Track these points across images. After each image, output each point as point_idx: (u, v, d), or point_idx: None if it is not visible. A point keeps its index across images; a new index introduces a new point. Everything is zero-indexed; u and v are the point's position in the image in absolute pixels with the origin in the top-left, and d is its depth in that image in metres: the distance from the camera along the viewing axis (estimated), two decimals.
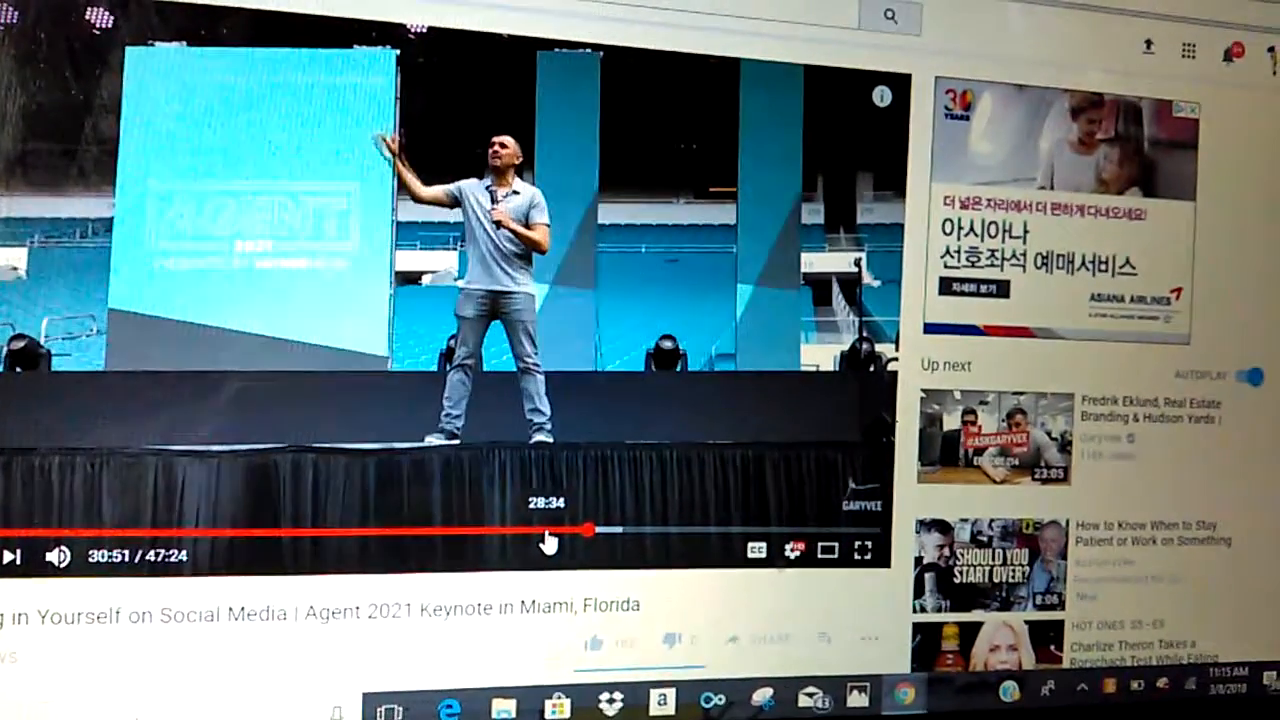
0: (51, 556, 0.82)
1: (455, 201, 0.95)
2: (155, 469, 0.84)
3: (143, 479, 0.84)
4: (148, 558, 0.83)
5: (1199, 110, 1.02)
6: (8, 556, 0.82)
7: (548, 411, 0.94)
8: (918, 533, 0.97)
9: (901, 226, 0.97)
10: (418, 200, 0.92)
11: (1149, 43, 1.01)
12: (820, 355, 0.99)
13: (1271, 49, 1.04)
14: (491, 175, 0.95)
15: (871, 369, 0.98)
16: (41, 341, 0.86)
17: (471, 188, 0.95)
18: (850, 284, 1.00)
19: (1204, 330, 1.02)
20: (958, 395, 0.98)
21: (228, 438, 0.86)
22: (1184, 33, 1.02)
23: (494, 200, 0.95)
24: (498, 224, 0.95)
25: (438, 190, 0.93)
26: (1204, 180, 1.02)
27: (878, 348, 0.98)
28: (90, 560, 0.83)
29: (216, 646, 0.84)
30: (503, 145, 0.94)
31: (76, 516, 0.83)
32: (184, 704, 0.84)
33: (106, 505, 0.83)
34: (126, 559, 0.83)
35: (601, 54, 0.92)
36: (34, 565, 0.82)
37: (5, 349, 0.85)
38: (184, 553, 0.84)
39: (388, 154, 0.90)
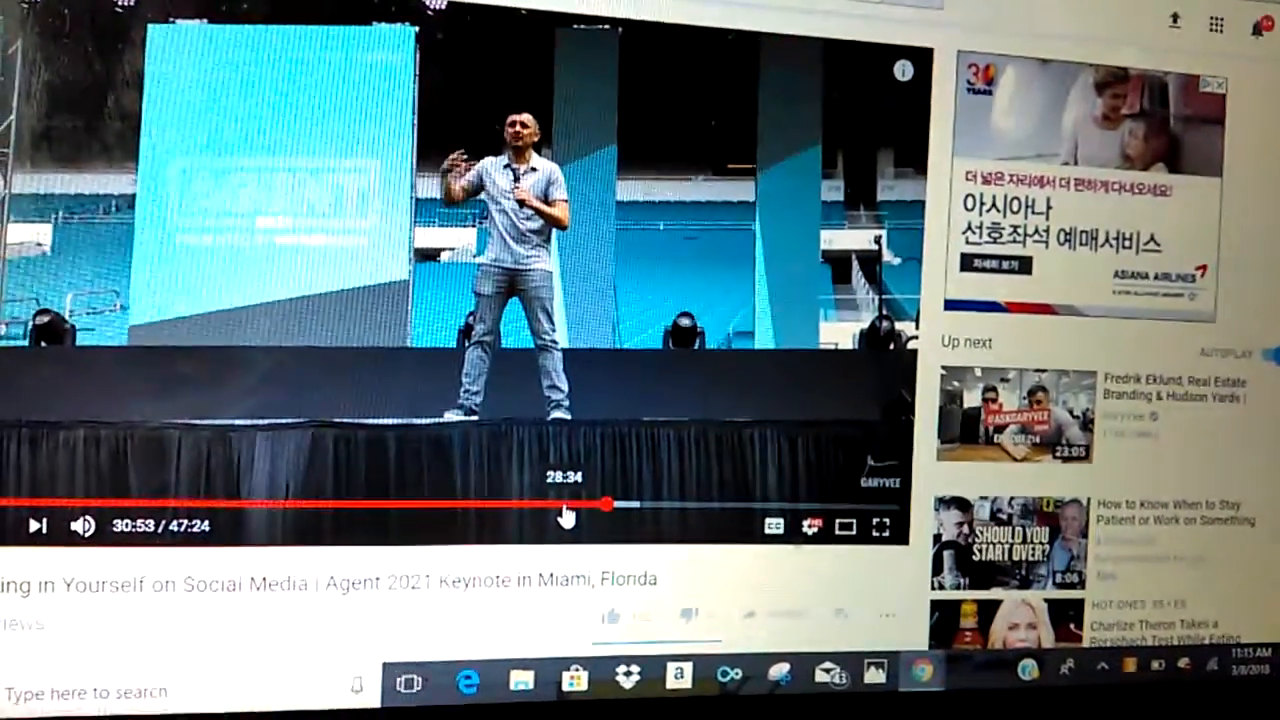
0: (76, 526, 0.83)
1: (476, 189, 0.95)
2: (178, 442, 0.85)
3: (166, 451, 0.85)
4: (171, 528, 0.84)
5: (1226, 85, 1.00)
6: (34, 526, 0.83)
7: (565, 388, 0.94)
8: (937, 510, 0.96)
9: (922, 203, 0.96)
10: (451, 203, 0.93)
11: (1175, 16, 0.99)
12: (839, 333, 0.99)
13: None
14: (510, 153, 0.95)
15: (891, 347, 0.98)
16: (66, 316, 0.87)
17: (490, 166, 0.96)
18: (870, 261, 1.00)
19: (1229, 308, 1.01)
20: (978, 372, 0.97)
21: (250, 412, 0.86)
22: (1212, 6, 1.00)
23: (516, 179, 0.95)
24: (521, 203, 0.95)
25: (459, 189, 0.95)
26: (1231, 156, 1.01)
27: (898, 325, 0.98)
28: (114, 530, 0.84)
29: (239, 616, 0.85)
30: (523, 125, 0.94)
31: (101, 487, 0.84)
32: (206, 673, 0.85)
33: (130, 476, 0.84)
34: (150, 529, 0.84)
35: (620, 29, 0.91)
36: (59, 535, 0.83)
37: (31, 324, 0.86)
38: (207, 523, 0.85)
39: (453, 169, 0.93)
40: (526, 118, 0.94)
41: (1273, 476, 1.03)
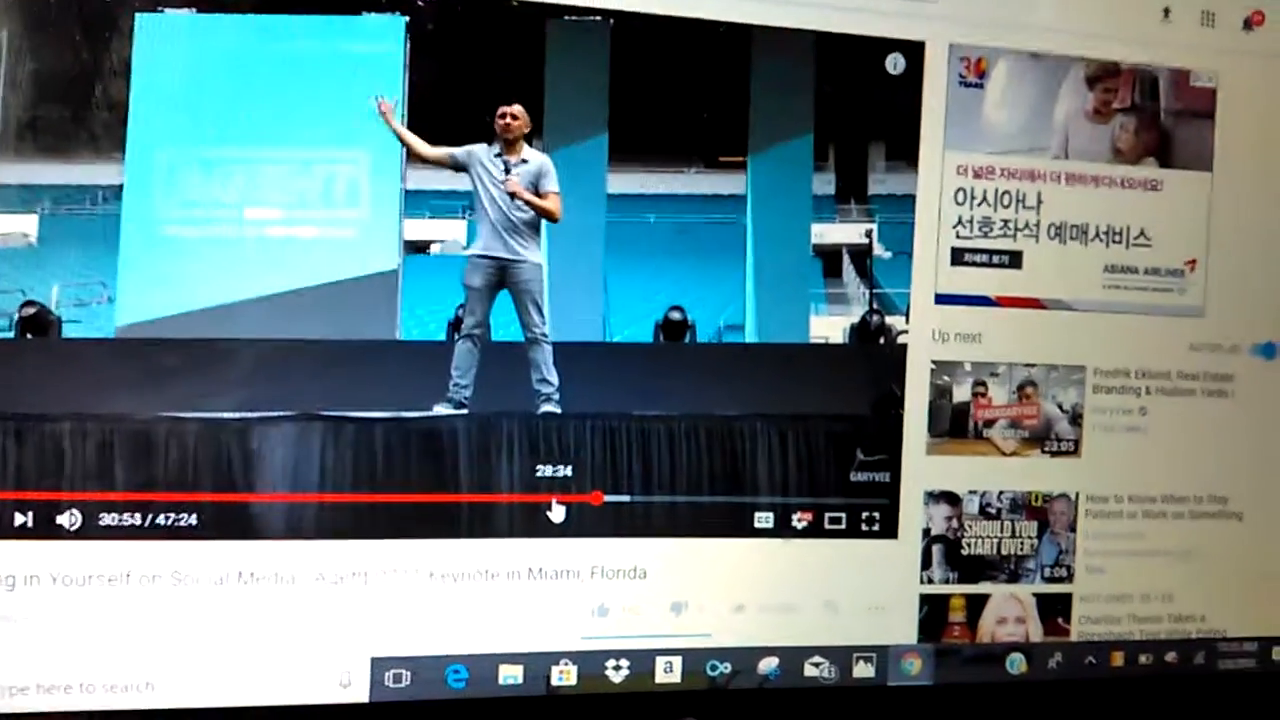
0: (62, 520, 0.83)
1: (459, 166, 0.94)
2: (165, 434, 0.85)
3: (153, 444, 0.84)
4: (158, 521, 0.84)
5: (1217, 80, 1.01)
6: (19, 519, 0.82)
7: (555, 382, 0.94)
8: (926, 504, 0.97)
9: (913, 197, 0.96)
10: (419, 159, 0.91)
11: (1167, 11, 1.00)
12: (830, 327, 0.99)
13: None
14: (501, 144, 0.95)
15: (882, 341, 0.98)
16: (52, 308, 0.87)
17: (481, 155, 0.95)
18: (861, 255, 1.00)
19: (1218, 303, 1.02)
20: (968, 367, 0.97)
21: (237, 405, 0.86)
22: (1203, 0, 1.00)
23: (507, 170, 0.95)
24: (513, 196, 0.95)
25: (442, 152, 0.93)
26: (1221, 151, 1.01)
27: (888, 320, 0.98)
28: (101, 523, 0.83)
29: (226, 610, 0.85)
30: (513, 116, 0.93)
31: (87, 480, 0.83)
32: (194, 667, 0.85)
33: (117, 469, 0.84)
34: (137, 522, 0.84)
35: (611, 21, 0.91)
36: (45, 528, 0.83)
37: (17, 315, 0.85)
38: (194, 517, 0.85)
39: (382, 117, 0.90)
40: (517, 109, 0.93)
41: (1261, 471, 1.04)
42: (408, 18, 0.89)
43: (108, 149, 0.85)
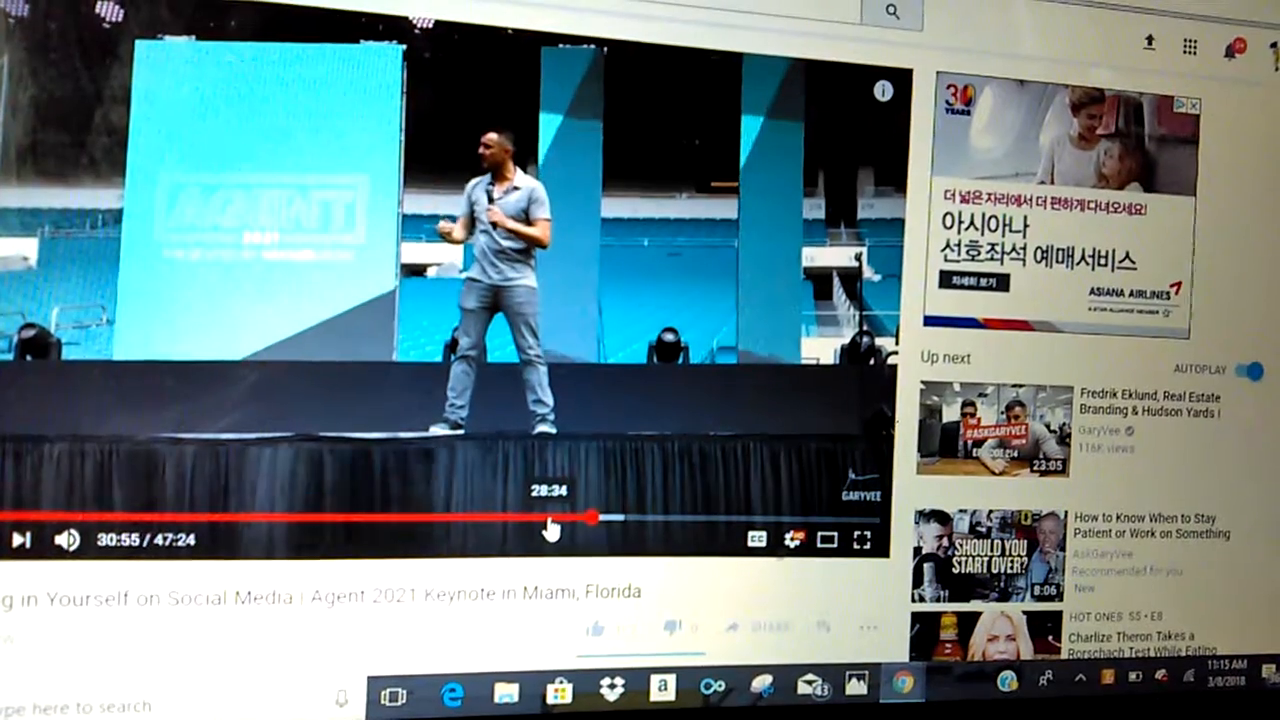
0: (61, 540, 0.83)
1: (471, 217, 0.97)
2: (163, 455, 0.85)
3: (151, 465, 0.85)
4: (156, 541, 0.85)
5: (1200, 106, 1.02)
6: (17, 540, 0.83)
7: (550, 402, 0.95)
8: (917, 523, 0.98)
9: (902, 221, 0.97)
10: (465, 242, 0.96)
11: (1150, 39, 1.01)
12: (821, 349, 1.00)
13: (1274, 44, 1.04)
14: (490, 173, 0.96)
15: (872, 362, 0.99)
16: (52, 330, 0.87)
17: (473, 186, 0.96)
18: (851, 278, 1.01)
19: (1203, 324, 1.03)
20: (957, 387, 0.98)
21: (236, 426, 0.87)
22: (1185, 29, 1.02)
23: (491, 200, 0.96)
24: (494, 225, 0.96)
25: (461, 224, 0.96)
26: (1204, 175, 1.03)
27: (878, 341, 0.99)
28: (99, 544, 0.84)
29: (223, 630, 0.85)
30: (485, 145, 0.94)
31: (86, 501, 0.84)
32: (191, 686, 0.85)
33: (115, 490, 0.84)
34: (135, 543, 0.84)
35: (605, 49, 0.93)
36: (43, 548, 0.83)
37: (16, 338, 0.86)
38: (192, 537, 0.85)
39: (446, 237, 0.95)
40: (489, 136, 0.94)
41: (1247, 490, 1.05)
42: (405, 46, 0.90)
43: (108, 174, 0.86)
